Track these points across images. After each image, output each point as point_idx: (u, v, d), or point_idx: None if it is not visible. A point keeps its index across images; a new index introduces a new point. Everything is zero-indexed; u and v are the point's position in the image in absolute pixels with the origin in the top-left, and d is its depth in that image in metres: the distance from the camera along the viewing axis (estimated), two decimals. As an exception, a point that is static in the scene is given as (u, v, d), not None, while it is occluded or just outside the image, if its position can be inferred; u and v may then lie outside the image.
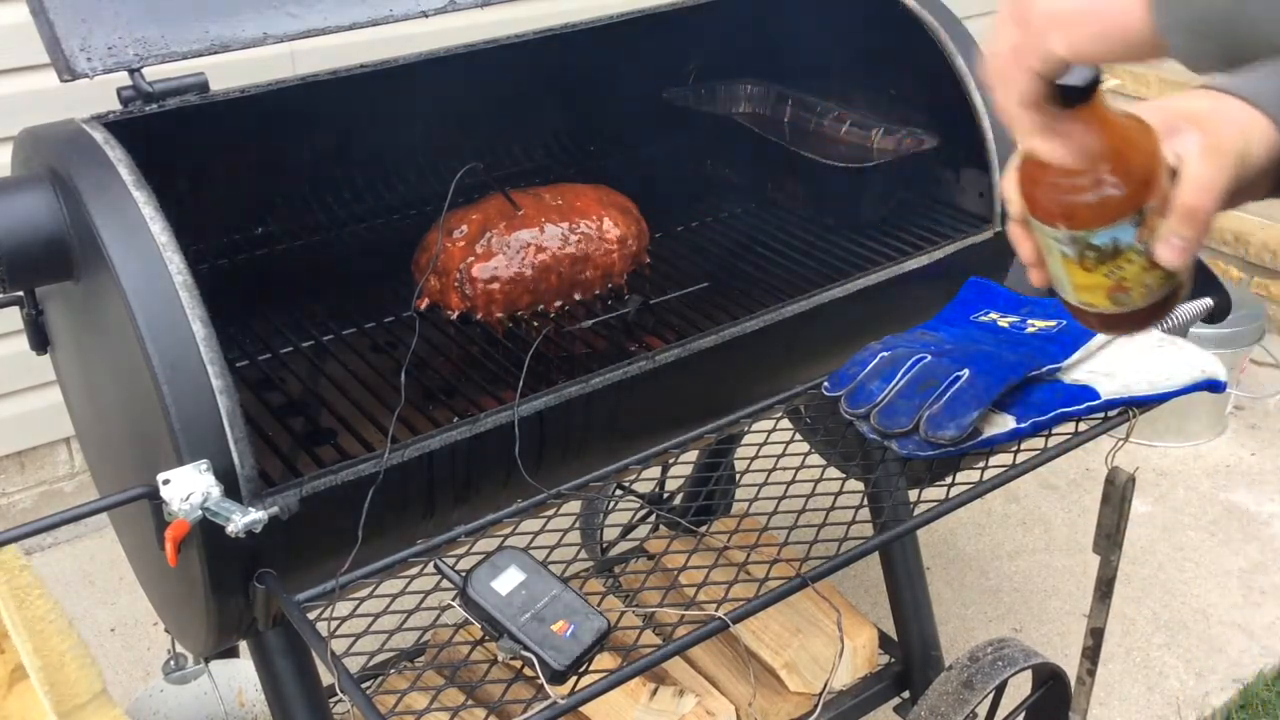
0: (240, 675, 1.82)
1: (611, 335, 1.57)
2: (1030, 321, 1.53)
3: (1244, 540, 2.64)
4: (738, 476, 1.40)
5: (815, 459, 1.39)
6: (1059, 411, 1.36)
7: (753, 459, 1.38)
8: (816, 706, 1.80)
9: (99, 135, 1.21)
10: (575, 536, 1.83)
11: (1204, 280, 2.57)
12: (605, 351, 1.51)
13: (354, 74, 1.46)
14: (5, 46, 2.28)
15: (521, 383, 1.34)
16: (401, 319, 1.62)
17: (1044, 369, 1.41)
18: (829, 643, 1.84)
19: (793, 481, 1.34)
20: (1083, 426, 1.38)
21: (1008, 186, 0.93)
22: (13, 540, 1.10)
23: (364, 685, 1.16)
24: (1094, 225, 0.85)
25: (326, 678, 1.13)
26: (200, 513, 1.09)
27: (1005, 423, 1.34)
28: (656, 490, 2.28)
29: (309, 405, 1.46)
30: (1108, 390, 1.39)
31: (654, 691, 1.73)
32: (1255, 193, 0.89)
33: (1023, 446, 1.36)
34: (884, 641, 1.98)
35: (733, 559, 1.27)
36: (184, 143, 1.44)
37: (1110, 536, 1.57)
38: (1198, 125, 0.85)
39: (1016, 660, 1.65)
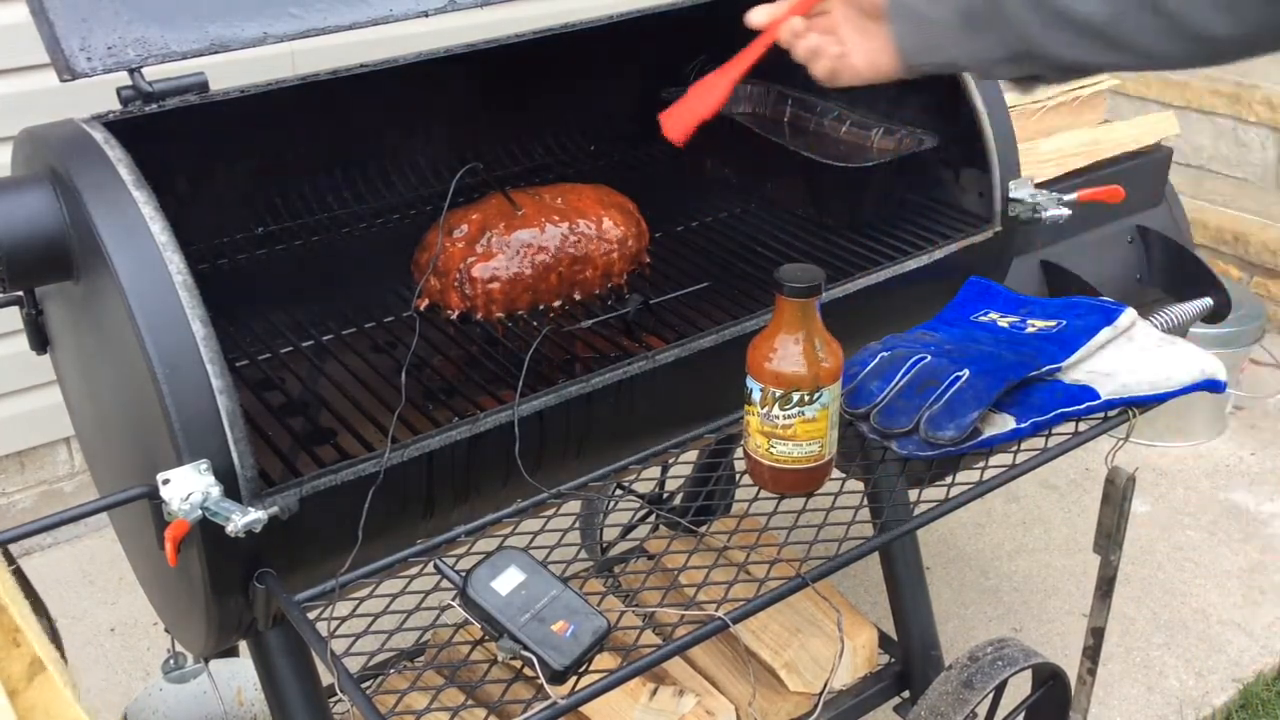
0: (240, 675, 1.82)
1: (611, 335, 1.57)
2: (1030, 321, 1.53)
3: (1244, 540, 2.64)
4: (738, 476, 1.40)
5: (815, 459, 1.39)
6: (1059, 411, 1.36)
7: (753, 459, 1.37)
8: (816, 706, 1.80)
9: (99, 135, 1.21)
10: (575, 536, 1.82)
11: (1204, 280, 2.58)
12: (605, 351, 1.51)
13: (354, 74, 1.46)
14: (5, 46, 2.28)
15: (521, 382, 1.34)
16: (401, 319, 1.62)
17: (1044, 369, 1.41)
18: (829, 642, 1.84)
19: (793, 481, 1.33)
20: (1083, 426, 1.39)
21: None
22: (13, 540, 1.10)
23: (364, 685, 1.16)
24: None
25: (326, 677, 1.13)
26: (200, 512, 1.09)
27: (1005, 423, 1.34)
28: (656, 490, 2.28)
29: (309, 405, 1.46)
30: (1107, 390, 1.39)
31: (654, 691, 1.73)
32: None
33: (1023, 446, 1.36)
34: (884, 641, 1.98)
35: (733, 559, 1.27)
36: (184, 143, 1.44)
37: (1110, 536, 1.57)
38: (838, 43, 1.17)
39: (1016, 660, 1.65)
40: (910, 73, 1.17)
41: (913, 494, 1.41)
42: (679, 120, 1.25)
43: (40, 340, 1.44)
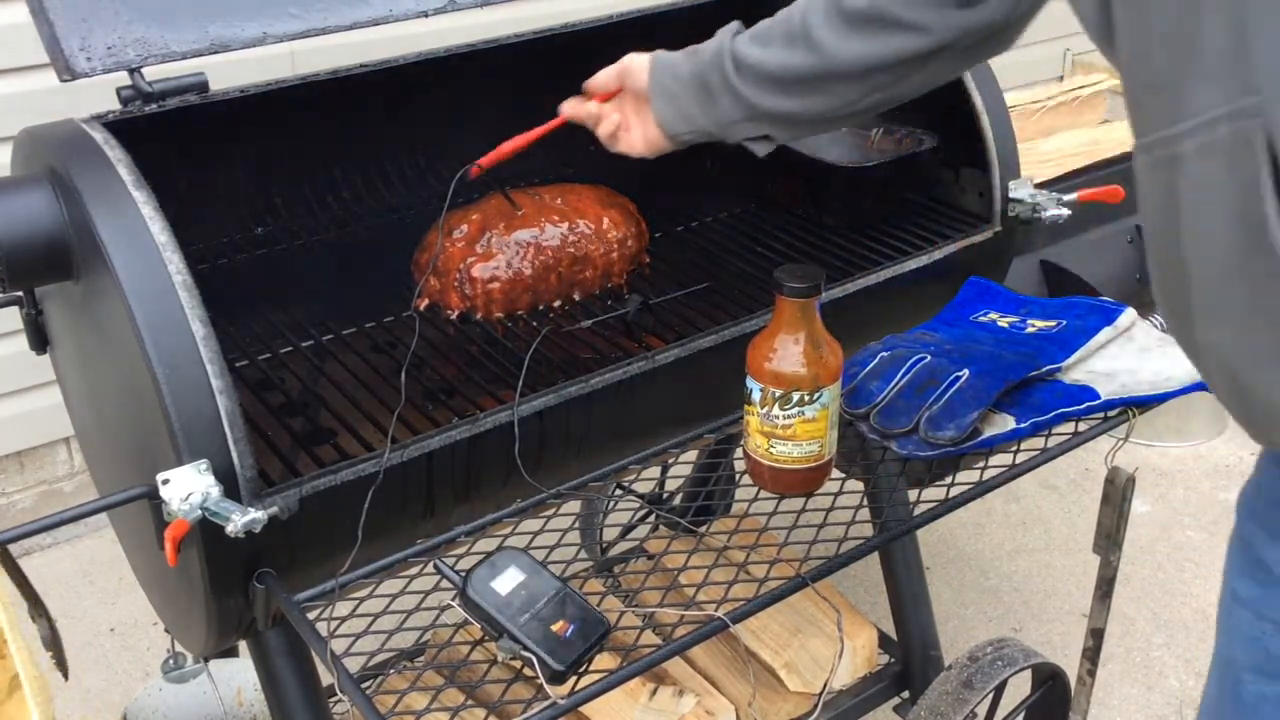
0: (239, 675, 1.82)
1: (611, 335, 1.57)
2: (1030, 321, 1.53)
3: (1244, 540, 2.63)
4: (738, 476, 1.40)
5: (815, 459, 1.39)
6: (1059, 412, 1.36)
7: (752, 459, 1.37)
8: (816, 706, 1.80)
9: (99, 135, 1.21)
10: (575, 536, 1.82)
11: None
12: (605, 351, 1.51)
13: (354, 74, 1.46)
14: (5, 46, 2.28)
15: (521, 382, 1.34)
16: (401, 319, 1.62)
17: (1044, 369, 1.41)
18: (829, 642, 1.84)
19: (792, 481, 1.33)
20: (1082, 426, 1.39)
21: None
22: (13, 540, 1.10)
23: (364, 685, 1.16)
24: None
25: (326, 678, 1.13)
26: (200, 513, 1.09)
27: (1005, 423, 1.34)
28: (656, 490, 2.28)
29: (309, 405, 1.46)
30: (1107, 390, 1.39)
31: (654, 691, 1.73)
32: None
33: (1022, 446, 1.36)
34: (884, 641, 1.98)
35: (732, 559, 1.27)
36: (184, 143, 1.44)
37: (1110, 536, 1.56)
38: (625, 126, 1.40)
39: (1016, 660, 1.65)
40: (675, 144, 1.38)
41: (912, 494, 1.41)
42: (481, 162, 1.45)
43: (40, 340, 1.44)
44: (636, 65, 1.38)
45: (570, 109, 1.44)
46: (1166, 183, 0.86)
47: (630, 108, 1.40)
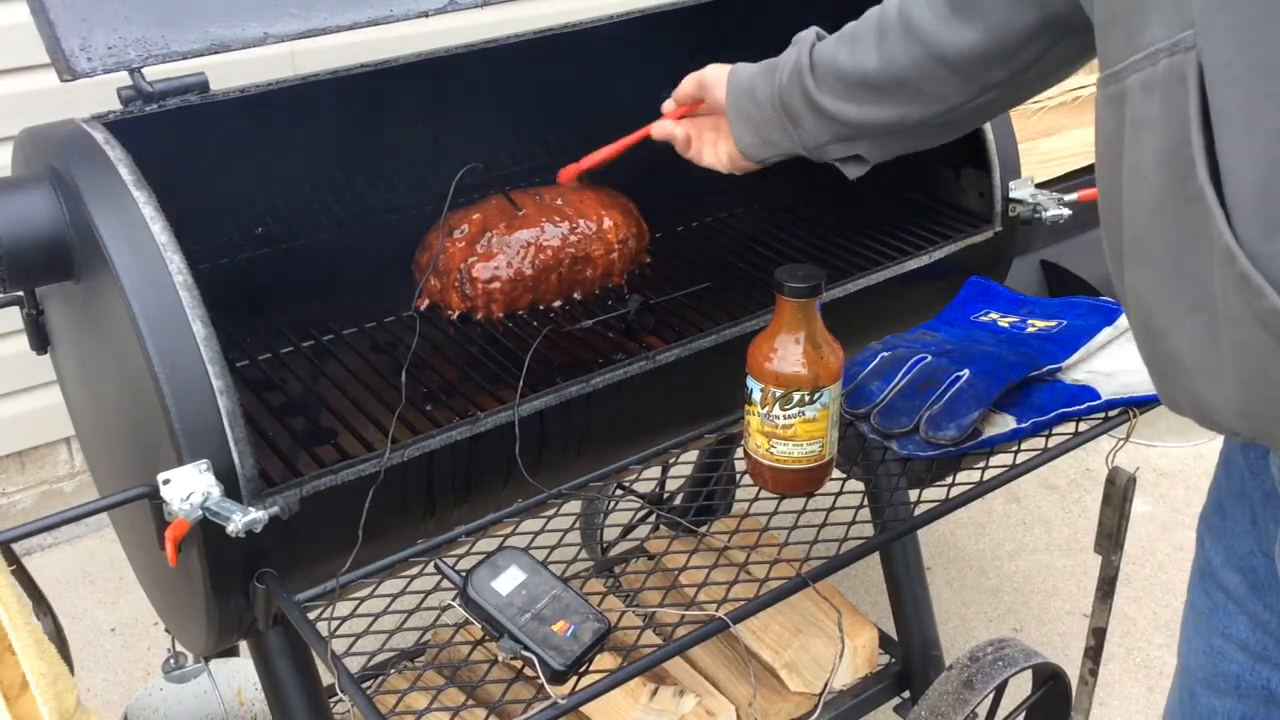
0: (240, 674, 1.82)
1: (612, 335, 1.57)
2: (1030, 321, 1.53)
3: (1244, 540, 2.63)
4: (738, 476, 1.40)
5: (815, 459, 1.39)
6: (1059, 411, 1.36)
7: (753, 459, 1.37)
8: (817, 706, 1.80)
9: (99, 135, 1.21)
10: (575, 536, 1.82)
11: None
12: (606, 351, 1.51)
13: (354, 74, 1.46)
14: (5, 46, 2.28)
15: (521, 382, 1.34)
16: (402, 319, 1.62)
17: (1044, 369, 1.41)
18: (829, 643, 1.84)
19: (793, 481, 1.33)
20: (1083, 426, 1.38)
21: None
22: (13, 540, 1.10)
23: (364, 685, 1.16)
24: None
25: (326, 677, 1.13)
26: (200, 512, 1.09)
27: (1006, 423, 1.34)
28: (657, 490, 2.28)
29: (309, 405, 1.46)
30: (1108, 390, 1.39)
31: (654, 691, 1.73)
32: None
33: (1023, 446, 1.36)
34: (884, 641, 1.98)
35: (733, 559, 1.27)
36: (184, 142, 1.43)
37: (1111, 536, 1.56)
38: (705, 130, 1.37)
39: (1017, 660, 1.65)
40: (761, 165, 1.34)
41: (913, 494, 1.41)
42: (570, 169, 1.53)
43: (41, 340, 1.44)
44: (712, 79, 1.32)
45: (657, 130, 1.42)
46: (1115, 118, 0.84)
47: (709, 124, 1.36)
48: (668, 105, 1.42)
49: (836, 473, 1.31)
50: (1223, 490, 1.02)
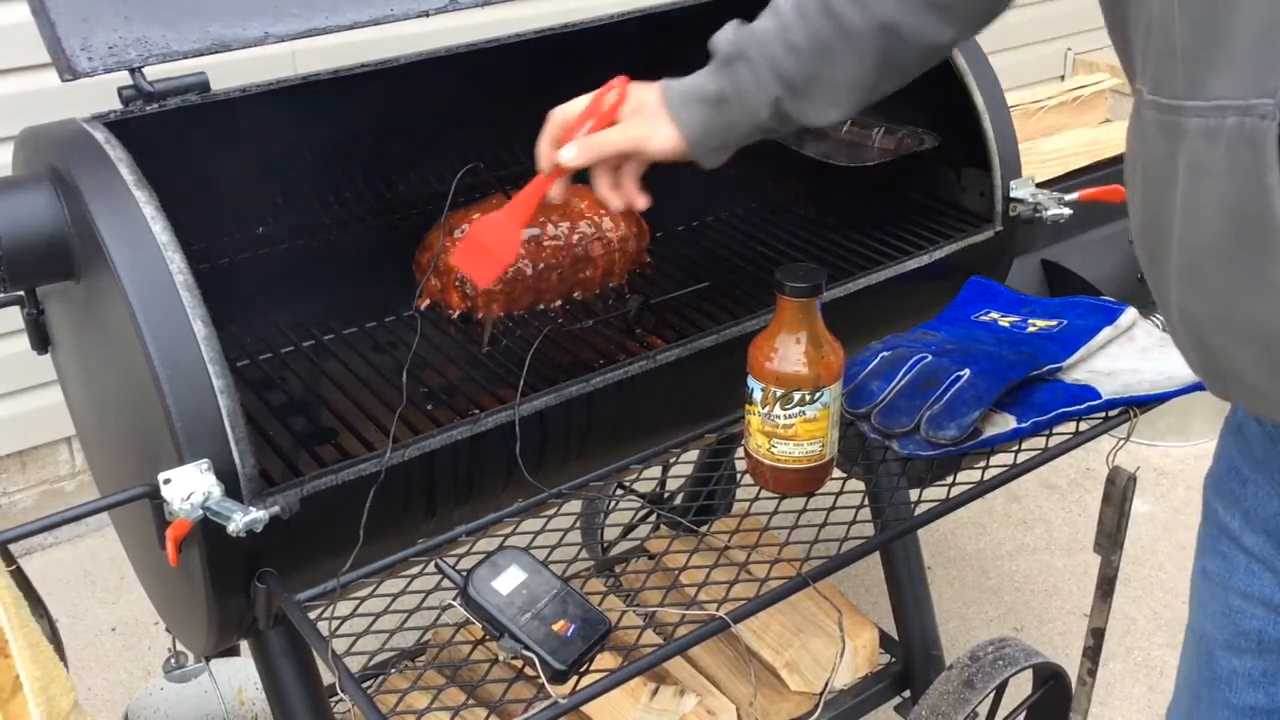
0: (241, 674, 1.82)
1: (612, 335, 1.57)
2: (1031, 321, 1.53)
3: (1245, 540, 2.63)
4: (738, 476, 1.40)
5: (816, 458, 1.39)
6: (1060, 411, 1.36)
7: (753, 458, 1.37)
8: (817, 706, 1.80)
9: (100, 135, 1.21)
10: (576, 536, 1.82)
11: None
12: (606, 351, 1.52)
13: (354, 74, 1.46)
14: (6, 46, 2.28)
15: (522, 382, 1.34)
16: (402, 318, 1.62)
17: (1045, 369, 1.41)
18: (830, 642, 1.84)
19: (793, 481, 1.33)
20: (1083, 426, 1.38)
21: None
22: (13, 539, 1.10)
23: (365, 685, 1.16)
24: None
25: (327, 677, 1.13)
26: (201, 512, 1.09)
27: (1006, 422, 1.34)
28: (657, 490, 2.28)
29: (310, 404, 1.46)
30: (1108, 390, 1.39)
31: (655, 691, 1.73)
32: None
33: (1023, 446, 1.36)
34: (885, 641, 1.98)
35: (734, 559, 1.27)
36: (184, 142, 1.44)
37: (1111, 536, 1.56)
38: (638, 129, 1.26)
39: (1017, 660, 1.65)
40: (709, 158, 1.27)
41: (913, 493, 1.41)
42: (485, 269, 1.25)
43: (41, 340, 1.44)
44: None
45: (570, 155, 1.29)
46: (1168, 144, 0.87)
47: (639, 117, 1.27)
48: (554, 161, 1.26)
49: (837, 472, 1.31)
50: (1238, 457, 1.06)
